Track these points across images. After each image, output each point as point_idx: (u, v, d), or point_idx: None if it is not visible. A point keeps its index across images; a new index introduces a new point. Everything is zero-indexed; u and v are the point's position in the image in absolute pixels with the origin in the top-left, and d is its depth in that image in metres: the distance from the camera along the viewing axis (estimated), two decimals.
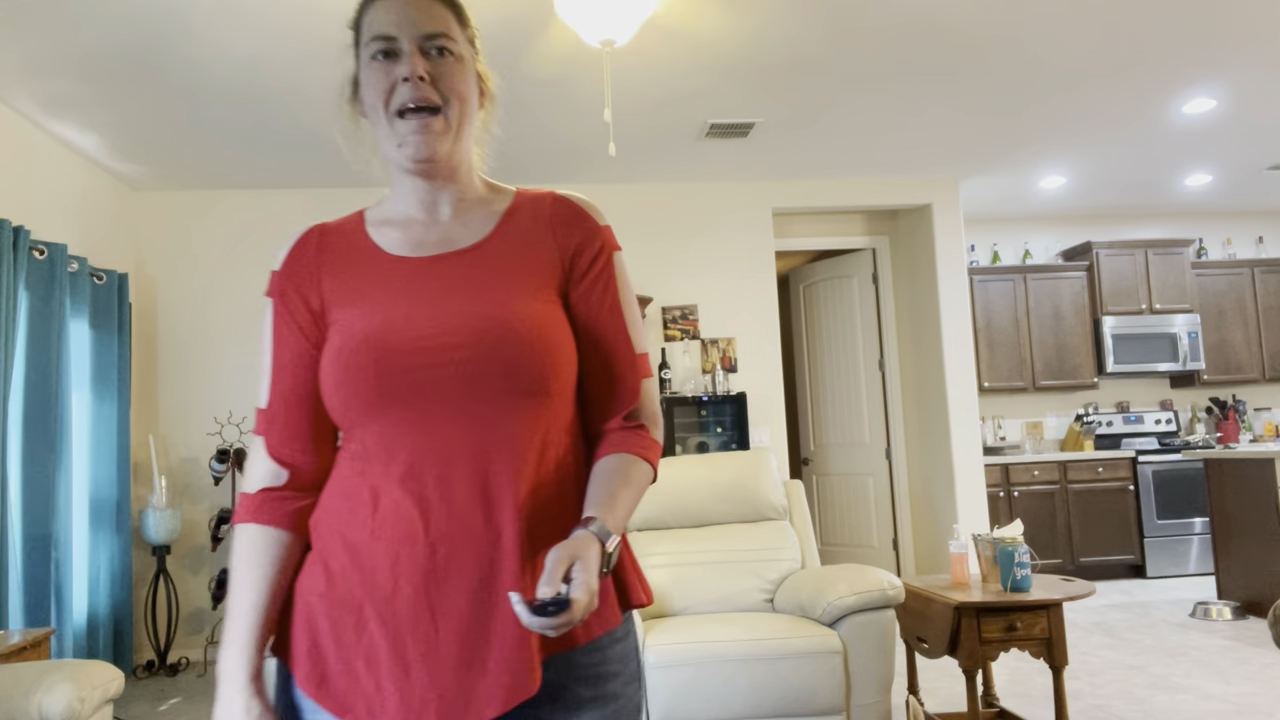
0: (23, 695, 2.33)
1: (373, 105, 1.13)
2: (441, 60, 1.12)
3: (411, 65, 1.10)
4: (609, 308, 1.18)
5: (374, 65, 1.12)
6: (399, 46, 1.11)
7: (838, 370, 6.94)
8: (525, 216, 1.19)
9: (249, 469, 1.16)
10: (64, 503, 4.34)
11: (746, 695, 2.91)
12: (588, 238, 1.19)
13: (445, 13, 1.14)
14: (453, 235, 1.16)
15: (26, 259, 4.16)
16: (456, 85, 1.13)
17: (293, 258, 1.19)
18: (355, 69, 1.17)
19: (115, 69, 3.96)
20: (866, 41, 4.07)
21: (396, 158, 1.13)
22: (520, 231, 1.17)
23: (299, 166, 5.37)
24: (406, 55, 1.10)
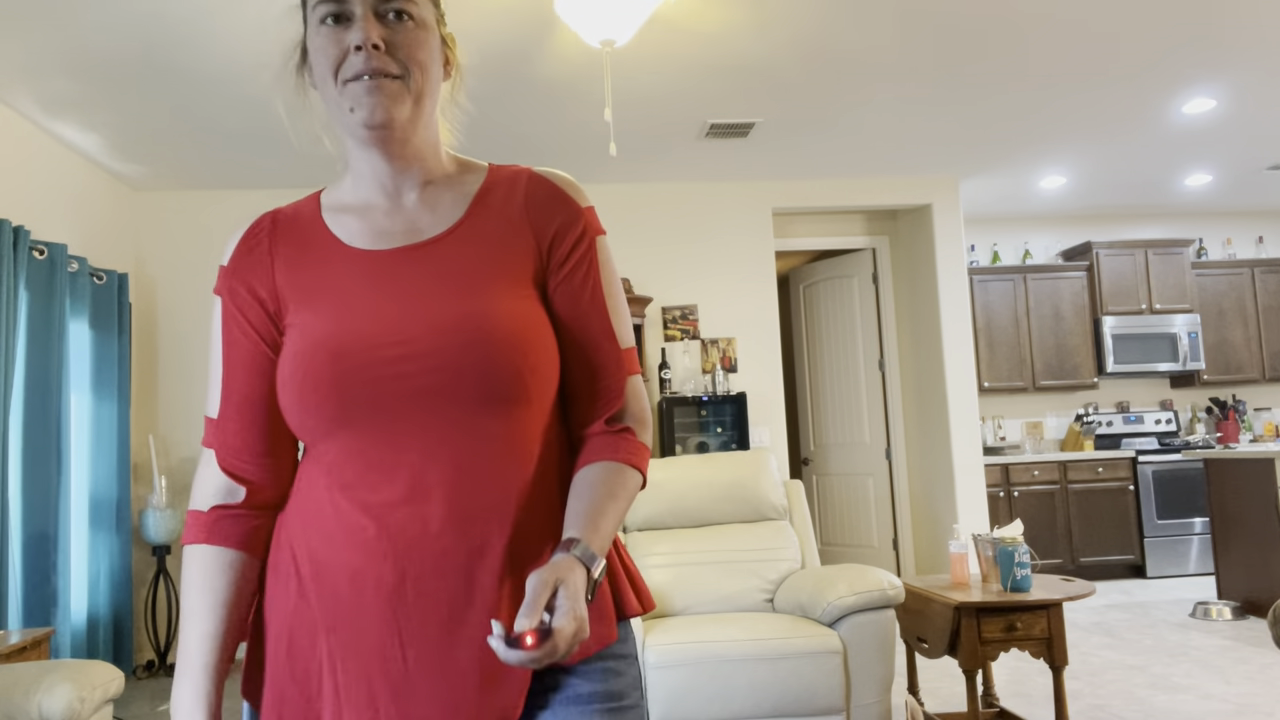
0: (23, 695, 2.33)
1: (322, 76, 1.01)
2: (400, 25, 0.99)
3: (365, 31, 0.97)
4: (590, 299, 1.05)
5: (323, 30, 1.00)
6: (351, 9, 0.98)
7: (838, 370, 6.94)
8: (499, 198, 1.07)
9: (198, 484, 1.05)
10: (64, 503, 4.34)
11: (746, 695, 2.91)
12: (568, 221, 1.06)
13: None
14: (418, 223, 1.04)
15: (27, 259, 4.16)
16: (416, 53, 1.00)
17: (242, 250, 1.07)
18: (304, 34, 1.05)
19: (116, 69, 3.96)
20: (867, 41, 4.07)
21: (349, 124, 1.01)
22: (493, 216, 1.05)
23: (300, 166, 5.37)
24: (359, 20, 0.97)
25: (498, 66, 4.15)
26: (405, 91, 1.00)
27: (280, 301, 1.05)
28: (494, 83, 4.33)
